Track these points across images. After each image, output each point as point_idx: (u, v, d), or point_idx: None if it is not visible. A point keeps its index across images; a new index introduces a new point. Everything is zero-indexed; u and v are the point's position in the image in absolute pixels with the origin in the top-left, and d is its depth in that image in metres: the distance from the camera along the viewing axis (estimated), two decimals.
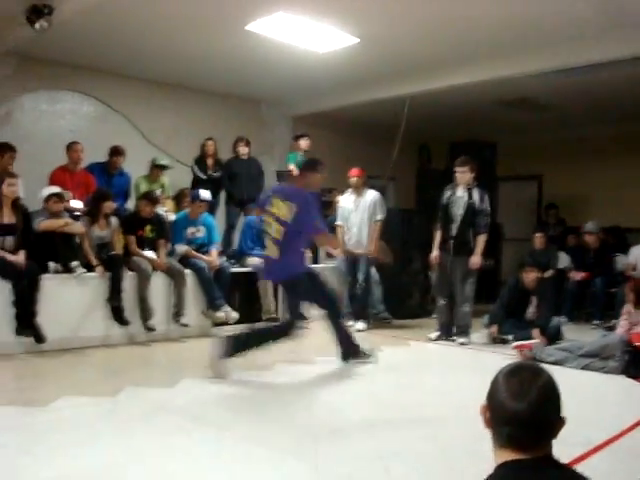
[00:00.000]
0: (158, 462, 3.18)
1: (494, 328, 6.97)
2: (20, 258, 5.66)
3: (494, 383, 1.59)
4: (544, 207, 11.09)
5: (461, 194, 6.86)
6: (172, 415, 3.99)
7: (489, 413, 1.58)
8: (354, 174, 7.68)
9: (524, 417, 1.50)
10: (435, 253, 6.97)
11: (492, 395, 1.58)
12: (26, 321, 5.61)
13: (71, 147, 7.11)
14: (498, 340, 6.92)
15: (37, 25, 5.79)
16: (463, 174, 6.84)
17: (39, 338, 5.59)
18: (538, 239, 8.95)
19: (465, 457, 3.37)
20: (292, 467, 3.20)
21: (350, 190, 7.80)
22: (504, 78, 7.63)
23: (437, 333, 7.09)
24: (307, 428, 3.81)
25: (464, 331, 6.97)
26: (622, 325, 6.56)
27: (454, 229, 6.84)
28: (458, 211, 6.82)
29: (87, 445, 3.39)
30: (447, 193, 6.97)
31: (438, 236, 6.98)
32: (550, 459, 1.52)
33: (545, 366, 1.62)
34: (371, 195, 7.69)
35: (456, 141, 10.79)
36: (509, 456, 1.52)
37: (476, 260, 6.77)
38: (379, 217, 7.64)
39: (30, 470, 3.03)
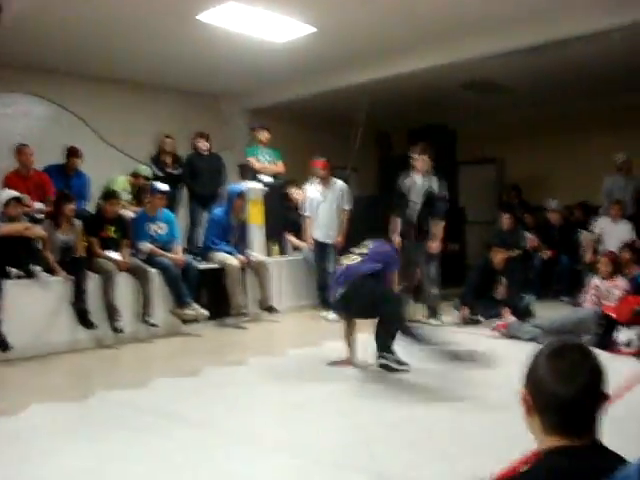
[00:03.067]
0: (135, 464, 3.09)
1: (465, 310, 6.99)
2: None
3: (534, 365, 1.49)
4: (507, 189, 11.16)
5: (420, 181, 6.93)
6: (146, 415, 3.89)
7: (531, 399, 1.48)
8: (320, 165, 7.65)
9: (576, 402, 1.43)
10: (397, 238, 7.01)
11: (534, 379, 1.48)
12: None
13: (20, 150, 6.90)
14: (469, 321, 6.94)
15: None
16: (422, 162, 6.90)
17: (4, 346, 5.42)
18: (506, 220, 9.02)
19: (450, 439, 3.35)
20: (280, 462, 3.15)
21: (317, 181, 7.76)
22: (461, 61, 7.62)
23: None
24: (291, 420, 3.76)
25: (434, 313, 7.01)
26: (590, 299, 6.65)
27: (414, 216, 6.92)
28: (418, 198, 6.90)
29: (60, 451, 3.28)
30: (405, 180, 7.02)
31: (397, 223, 7.05)
32: (599, 445, 1.45)
33: (521, 343, 1.57)
34: (339, 185, 7.69)
35: (415, 127, 10.81)
36: (557, 442, 1.44)
37: (434, 245, 6.90)
38: (347, 207, 7.69)
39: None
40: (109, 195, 6.80)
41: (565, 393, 1.42)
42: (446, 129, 11.08)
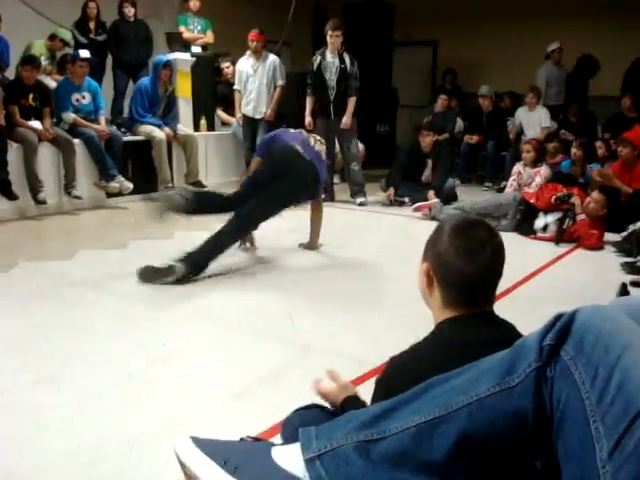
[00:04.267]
0: (62, 336, 3.12)
1: (391, 191, 7.10)
2: None
3: (438, 240, 1.50)
4: (442, 73, 11.10)
5: (331, 59, 6.92)
6: (73, 287, 3.89)
7: (433, 273, 1.51)
8: (254, 37, 7.42)
9: (480, 278, 1.46)
10: (308, 119, 7.07)
11: (438, 253, 1.49)
12: None
13: None
14: (395, 202, 7.06)
15: None
16: (337, 38, 6.85)
17: None
18: (441, 101, 9.13)
19: (368, 309, 3.50)
20: (204, 331, 3.23)
21: (248, 54, 7.53)
22: None
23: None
24: (213, 290, 3.83)
25: (360, 190, 7.15)
26: (511, 185, 6.86)
27: (331, 95, 6.95)
28: (332, 76, 6.91)
29: None
30: (317, 58, 7.01)
31: (310, 102, 7.10)
32: (491, 314, 1.51)
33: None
34: (270, 59, 7.50)
35: (351, 2, 10.51)
36: (451, 314, 1.49)
37: (347, 121, 6.96)
38: (280, 82, 7.58)
39: None
40: (27, 60, 6.43)
41: (470, 269, 1.45)
42: (384, 6, 10.81)
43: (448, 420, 1.15)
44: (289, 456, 1.24)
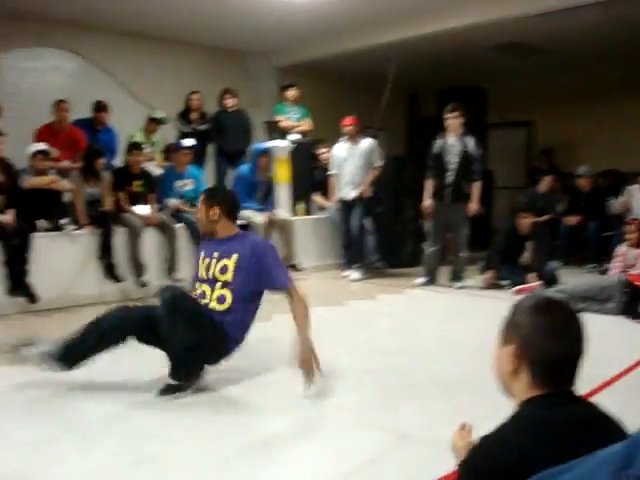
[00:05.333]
0: (160, 416, 3.14)
1: (490, 273, 6.95)
2: (9, 217, 5.55)
3: (520, 322, 1.50)
4: (538, 153, 10.99)
5: (453, 142, 6.82)
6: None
7: (521, 355, 1.49)
8: (348, 122, 7.56)
9: (565, 356, 1.47)
10: (428, 202, 6.95)
11: (524, 336, 1.48)
12: (18, 281, 5.52)
13: (57, 106, 6.93)
14: (493, 285, 6.91)
15: None
16: (454, 120, 6.80)
17: (32, 298, 5.52)
18: (547, 182, 8.86)
19: (470, 396, 3.37)
20: (288, 421, 3.19)
21: (344, 139, 7.68)
22: (494, 21, 7.48)
23: (422, 279, 7.13)
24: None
25: (460, 276, 6.99)
26: (616, 267, 6.59)
27: (449, 177, 6.82)
28: (452, 159, 6.79)
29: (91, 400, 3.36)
30: (439, 142, 6.93)
31: (430, 185, 6.95)
32: (573, 393, 1.49)
33: None
34: (366, 143, 7.58)
35: (445, 88, 10.65)
36: (535, 393, 1.47)
37: (474, 207, 6.81)
38: (378, 163, 7.59)
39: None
40: (131, 147, 6.82)
41: (558, 349, 1.45)
42: (477, 90, 10.89)
43: None
44: None
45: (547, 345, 1.45)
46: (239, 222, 7.11)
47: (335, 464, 2.60)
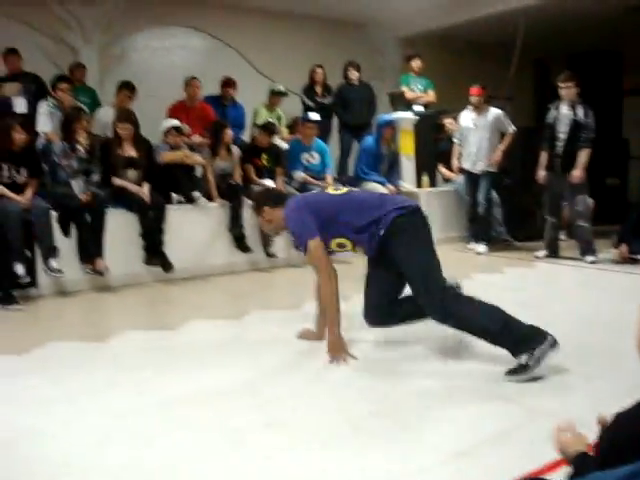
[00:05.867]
0: (290, 382, 3.26)
1: (624, 247, 6.63)
2: (145, 191, 5.84)
3: None
4: None
5: (566, 111, 6.66)
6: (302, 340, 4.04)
7: None
8: (475, 92, 7.37)
9: None
10: (541, 173, 6.84)
11: None
12: (154, 251, 5.81)
13: (189, 83, 7.19)
14: (628, 260, 6.59)
15: None
16: (568, 89, 6.63)
17: (167, 266, 5.78)
18: None
19: (605, 374, 3.26)
20: (429, 385, 3.19)
21: (470, 109, 7.51)
22: None
23: (544, 251, 6.99)
24: (432, 345, 3.77)
25: (589, 248, 6.75)
26: None
27: (560, 147, 6.69)
28: (563, 128, 6.66)
29: (218, 365, 3.53)
30: (552, 111, 6.80)
31: (544, 155, 6.84)
32: None
33: None
34: (493, 113, 7.38)
35: (575, 53, 10.18)
36: None
37: (577, 174, 6.59)
38: (511, 130, 7.42)
39: (170, 387, 3.17)
40: (265, 127, 6.93)
41: None
42: (611, 54, 10.33)
43: None
44: None
45: None
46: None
47: (463, 436, 2.59)
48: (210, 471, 2.33)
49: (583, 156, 6.60)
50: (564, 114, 6.67)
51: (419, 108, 8.45)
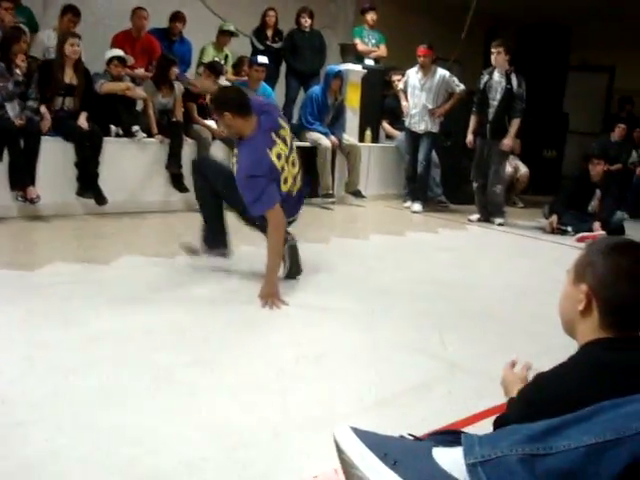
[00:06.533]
0: (217, 321, 3.26)
1: (554, 218, 6.83)
2: (82, 120, 5.67)
3: (597, 262, 1.45)
4: (618, 100, 10.58)
5: (498, 78, 6.80)
6: (233, 277, 4.05)
7: (594, 295, 1.45)
8: (422, 52, 7.38)
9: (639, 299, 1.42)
10: (469, 138, 7.01)
11: (600, 276, 1.44)
12: (88, 183, 5.67)
13: (135, 13, 6.91)
14: (557, 231, 6.80)
15: None
16: (498, 55, 6.76)
17: (100, 199, 5.66)
18: (619, 130, 8.68)
19: (522, 335, 3.38)
20: (342, 340, 3.25)
21: (417, 68, 7.52)
22: None
23: (477, 215, 7.19)
24: (363, 297, 3.83)
25: (498, 211, 7.04)
26: None
27: (491, 114, 6.84)
28: (495, 96, 6.80)
29: (149, 302, 3.50)
30: (484, 77, 6.93)
31: (474, 120, 7.01)
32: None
33: None
34: (439, 74, 7.42)
35: (526, 24, 10.27)
36: (602, 335, 1.45)
37: (507, 142, 6.80)
38: (460, 89, 7.48)
39: (97, 321, 3.14)
40: (208, 66, 6.75)
41: (631, 291, 1.40)
42: (560, 28, 10.46)
43: (620, 444, 1.11)
44: (450, 458, 1.24)
45: (621, 286, 1.41)
46: (306, 144, 7.20)
47: (385, 385, 2.66)
48: (133, 405, 2.32)
49: (514, 126, 6.77)
50: (496, 81, 6.80)
51: (369, 62, 8.41)
